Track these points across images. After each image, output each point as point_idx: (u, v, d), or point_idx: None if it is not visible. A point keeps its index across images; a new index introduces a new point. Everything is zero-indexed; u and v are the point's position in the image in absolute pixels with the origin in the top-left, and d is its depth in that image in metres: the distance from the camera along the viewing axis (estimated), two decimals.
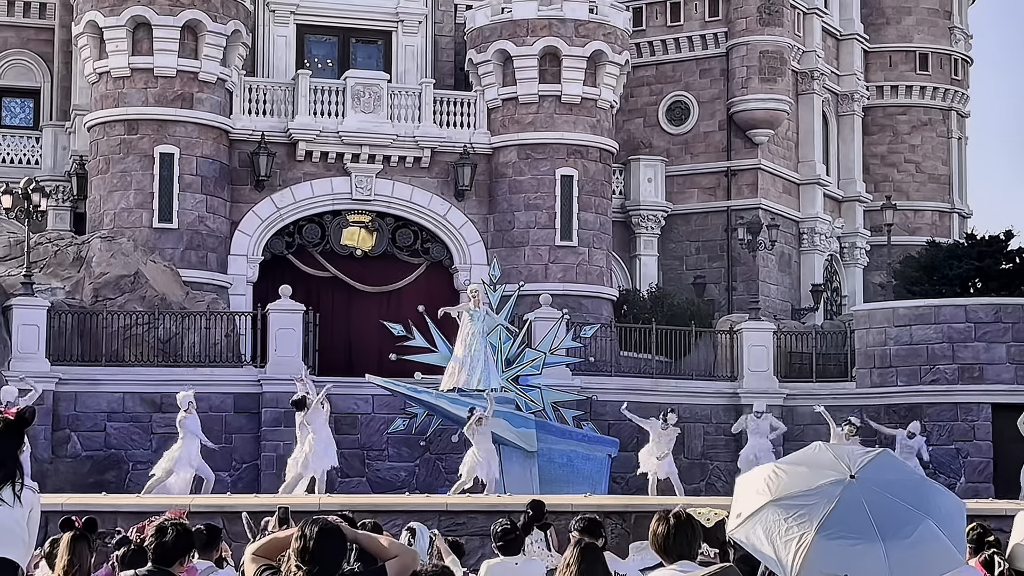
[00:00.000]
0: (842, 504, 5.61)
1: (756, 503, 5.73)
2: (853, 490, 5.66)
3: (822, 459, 5.86)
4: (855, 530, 5.55)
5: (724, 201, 40.24)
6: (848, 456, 5.83)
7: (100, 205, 32.82)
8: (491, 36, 35.29)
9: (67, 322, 28.74)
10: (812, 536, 5.54)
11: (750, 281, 39.43)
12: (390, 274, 34.96)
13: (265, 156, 33.46)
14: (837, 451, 5.91)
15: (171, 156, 32.54)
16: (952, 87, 46.25)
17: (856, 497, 5.63)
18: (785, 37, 40.47)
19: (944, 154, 46.34)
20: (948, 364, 31.45)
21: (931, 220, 45.93)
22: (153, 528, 6.61)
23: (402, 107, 34.66)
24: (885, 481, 5.72)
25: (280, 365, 28.79)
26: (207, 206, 32.93)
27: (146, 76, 32.64)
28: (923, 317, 32.03)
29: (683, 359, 33.55)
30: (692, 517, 6.20)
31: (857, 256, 44.15)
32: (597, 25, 35.25)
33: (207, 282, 32.36)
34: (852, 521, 5.57)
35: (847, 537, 5.54)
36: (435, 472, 28.69)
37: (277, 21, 36.07)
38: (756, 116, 40.09)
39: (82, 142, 34.50)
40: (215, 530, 9.75)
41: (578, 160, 35.17)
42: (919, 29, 45.96)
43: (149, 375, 28.32)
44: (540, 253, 34.78)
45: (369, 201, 34.58)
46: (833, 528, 5.55)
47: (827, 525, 5.55)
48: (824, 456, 5.87)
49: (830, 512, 5.58)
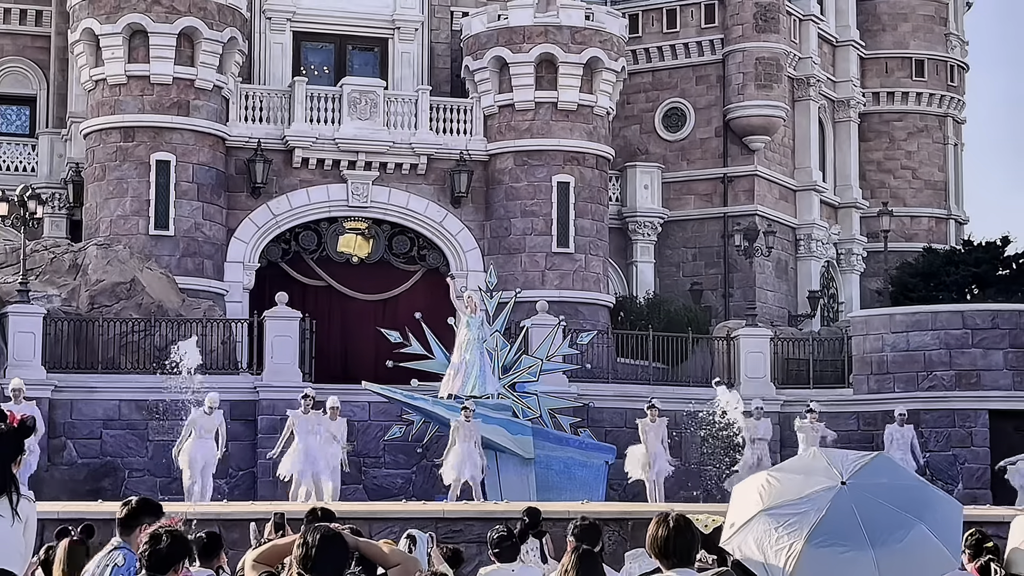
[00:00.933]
0: (832, 511, 5.60)
1: (748, 512, 5.74)
2: (844, 497, 5.65)
3: (816, 466, 5.85)
4: (845, 538, 5.54)
5: (721, 208, 40.27)
6: (842, 461, 5.82)
7: (96, 212, 32.82)
8: (487, 43, 35.33)
9: (63, 329, 28.72)
10: (802, 545, 5.53)
11: (747, 288, 39.46)
12: (386, 281, 34.97)
13: (261, 163, 33.48)
14: (831, 457, 5.89)
15: (167, 163, 32.55)
16: (948, 93, 46.32)
17: (847, 504, 5.62)
18: (781, 44, 40.53)
19: (940, 160, 46.41)
20: (945, 370, 31.48)
21: (928, 226, 45.98)
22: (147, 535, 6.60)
23: (398, 114, 34.68)
24: (877, 486, 5.71)
25: (276, 372, 28.81)
26: (203, 213, 32.93)
27: (142, 83, 32.66)
28: (920, 323, 32.06)
29: (680, 366, 33.56)
30: (691, 522, 6.21)
31: (854, 262, 44.18)
32: (593, 32, 35.29)
33: (203, 289, 32.36)
34: (842, 529, 5.56)
35: (837, 545, 5.53)
36: (432, 479, 28.62)
37: (273, 28, 36.09)
38: (752, 123, 40.14)
39: (78, 149, 34.51)
40: (216, 538, 9.74)
41: (574, 167, 35.19)
42: (915, 35, 46.03)
43: (145, 382, 28.29)
44: (537, 260, 34.80)
45: (365, 208, 34.60)
46: (823, 536, 5.54)
47: (817, 533, 5.54)
48: (818, 462, 5.86)
49: (820, 520, 5.58)
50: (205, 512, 18.51)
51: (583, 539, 9.73)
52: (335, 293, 34.68)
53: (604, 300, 35.64)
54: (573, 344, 28.84)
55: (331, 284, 34.67)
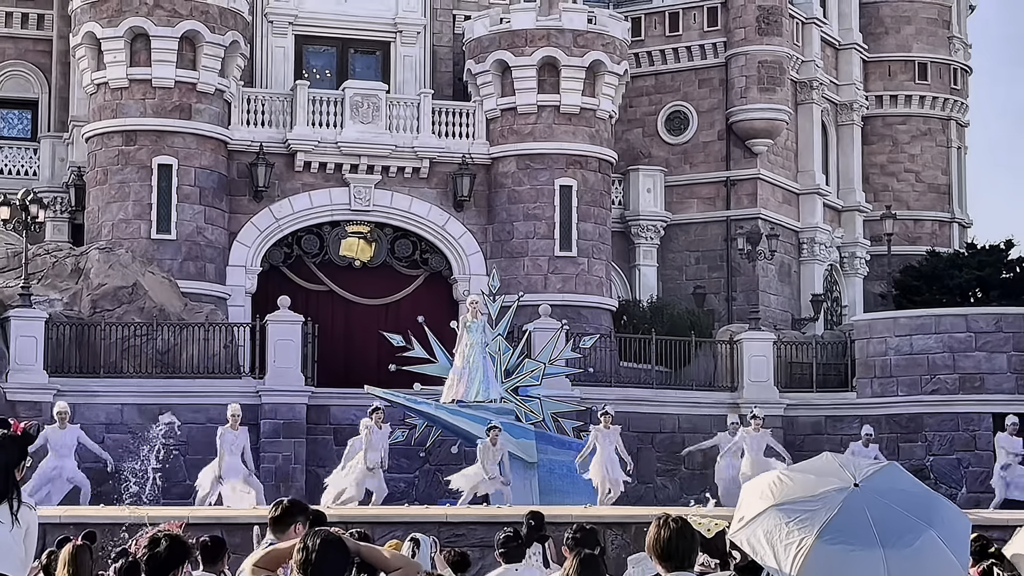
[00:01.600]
0: (844, 511, 5.64)
1: (759, 507, 5.78)
2: (856, 498, 5.69)
3: (828, 467, 5.92)
4: (856, 536, 5.58)
5: (724, 211, 40.26)
6: (855, 466, 5.88)
7: (98, 216, 32.82)
8: (490, 46, 35.33)
9: (65, 333, 28.71)
10: (812, 540, 5.58)
11: (750, 291, 39.43)
12: (389, 285, 34.96)
13: (263, 167, 33.47)
14: (844, 460, 5.97)
15: (169, 167, 32.56)
16: (952, 96, 46.29)
17: (859, 504, 5.66)
18: (784, 47, 40.51)
19: (944, 164, 46.37)
20: (949, 374, 31.44)
21: (931, 230, 45.94)
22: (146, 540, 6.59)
23: (401, 118, 34.68)
24: (890, 491, 5.75)
25: (279, 376, 28.80)
26: (205, 217, 32.93)
27: (144, 87, 32.67)
28: (924, 327, 32.03)
29: (683, 369, 33.53)
30: (691, 524, 6.20)
31: (857, 266, 44.15)
32: (596, 35, 35.28)
33: (205, 293, 32.36)
34: (853, 527, 5.60)
35: (847, 543, 5.57)
36: (434, 483, 28.62)
37: (275, 32, 36.10)
38: (755, 126, 40.13)
39: (80, 153, 34.51)
40: (219, 542, 9.71)
41: (577, 170, 35.19)
42: (918, 39, 46.01)
43: (147, 387, 28.29)
44: (539, 263, 34.79)
45: (368, 212, 34.59)
46: (834, 533, 5.58)
47: (828, 530, 5.59)
48: (831, 465, 5.93)
49: (832, 518, 5.62)
50: (207, 516, 18.50)
51: (580, 546, 9.72)
52: (337, 297, 34.67)
53: (607, 304, 35.63)
54: (576, 348, 28.82)
55: (333, 288, 34.66)
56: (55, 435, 22.82)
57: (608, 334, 33.54)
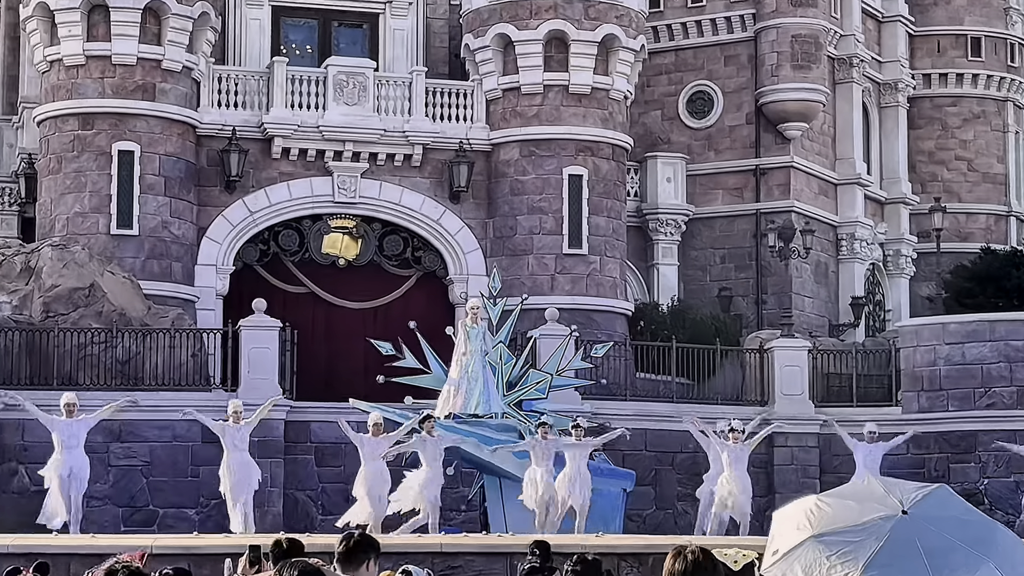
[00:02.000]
0: (892, 542, 5.61)
1: (796, 539, 5.75)
2: (905, 527, 5.66)
3: (871, 492, 5.88)
4: (905, 571, 5.57)
5: (752, 203, 40.26)
6: (900, 490, 5.85)
7: (51, 209, 32.85)
8: (490, 19, 35.35)
9: (14, 340, 28.74)
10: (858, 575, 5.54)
11: (782, 294, 39.44)
12: (377, 286, 34.99)
13: (236, 154, 33.50)
14: (888, 484, 5.92)
15: (131, 154, 32.59)
16: (1008, 75, 46.29)
17: (908, 535, 5.63)
18: (820, 19, 40.51)
19: (999, 150, 46.38)
20: (1006, 386, 31.46)
21: (985, 224, 45.95)
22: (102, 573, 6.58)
23: (390, 99, 34.71)
24: (941, 518, 5.72)
25: (253, 388, 28.74)
26: (171, 210, 32.95)
27: (103, 64, 32.69)
28: (977, 334, 32.03)
29: (707, 381, 33.55)
30: (713, 555, 6.16)
31: (902, 265, 44.17)
32: (609, 6, 35.29)
33: (171, 295, 32.38)
34: (902, 561, 5.58)
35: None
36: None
37: (250, 3, 36.11)
38: (788, 108, 40.12)
39: (31, 139, 34.55)
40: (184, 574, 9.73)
41: (588, 158, 35.21)
42: (970, 10, 46.02)
43: (106, 400, 28.22)
44: (546, 262, 34.80)
45: (353, 204, 34.62)
46: (881, 568, 5.56)
47: (874, 564, 5.56)
48: (874, 489, 5.88)
49: (878, 550, 5.59)
50: (172, 546, 18.48)
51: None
52: (319, 300, 34.71)
53: (621, 307, 35.64)
54: (586, 357, 28.80)
55: (314, 290, 34.70)
56: (65, 428, 23.06)
57: (623, 341, 33.56)
